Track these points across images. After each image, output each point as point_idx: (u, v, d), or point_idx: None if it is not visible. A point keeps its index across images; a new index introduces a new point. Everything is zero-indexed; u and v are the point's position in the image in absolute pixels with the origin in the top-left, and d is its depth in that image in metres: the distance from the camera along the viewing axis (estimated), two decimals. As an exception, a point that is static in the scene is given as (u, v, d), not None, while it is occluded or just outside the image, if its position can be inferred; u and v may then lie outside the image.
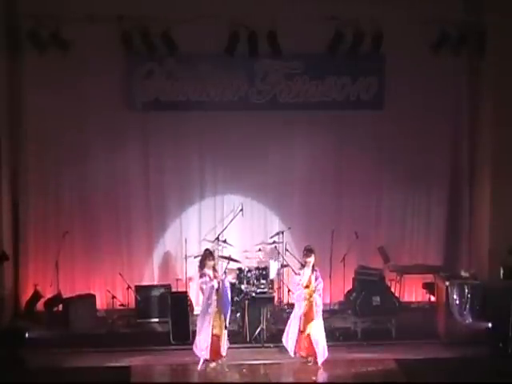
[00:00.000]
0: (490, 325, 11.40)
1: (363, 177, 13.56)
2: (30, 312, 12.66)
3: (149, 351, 11.26)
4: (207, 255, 10.78)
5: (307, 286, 10.81)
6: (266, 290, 12.26)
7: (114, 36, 12.30)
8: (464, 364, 10.51)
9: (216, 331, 10.56)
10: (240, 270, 12.60)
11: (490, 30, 12.53)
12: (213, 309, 10.54)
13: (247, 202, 13.44)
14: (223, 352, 10.67)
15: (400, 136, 13.45)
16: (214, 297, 10.54)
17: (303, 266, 10.99)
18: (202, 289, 10.67)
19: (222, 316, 10.62)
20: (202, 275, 10.64)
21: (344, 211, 13.59)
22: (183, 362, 10.90)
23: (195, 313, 12.16)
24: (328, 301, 13.10)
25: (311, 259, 10.84)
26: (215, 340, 10.57)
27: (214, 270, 10.80)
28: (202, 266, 10.73)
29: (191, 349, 11.02)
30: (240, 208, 13.15)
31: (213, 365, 10.64)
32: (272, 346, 11.41)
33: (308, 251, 10.92)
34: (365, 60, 12.98)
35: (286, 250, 12.96)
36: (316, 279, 10.81)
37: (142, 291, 12.84)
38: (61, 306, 12.59)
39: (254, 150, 13.41)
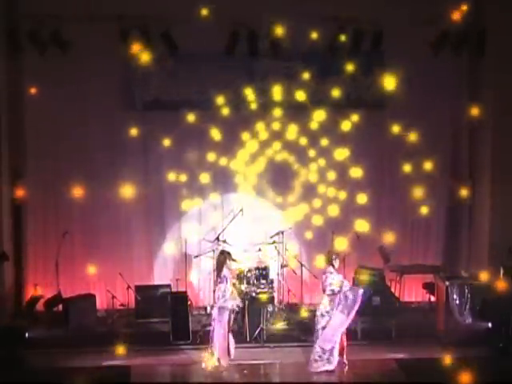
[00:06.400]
0: (490, 325, 11.40)
1: (363, 176, 13.57)
2: (30, 312, 12.66)
3: (149, 351, 11.26)
4: (226, 257, 10.47)
5: None
6: (265, 290, 12.26)
7: (114, 36, 12.29)
8: (464, 364, 10.49)
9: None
10: (240, 269, 12.59)
11: (490, 30, 12.54)
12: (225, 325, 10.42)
13: (247, 201, 13.45)
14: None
15: (400, 135, 13.43)
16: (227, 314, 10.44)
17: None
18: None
19: None
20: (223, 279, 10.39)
21: (344, 211, 13.58)
22: (183, 362, 10.90)
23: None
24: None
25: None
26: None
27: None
28: (220, 268, 10.43)
29: (191, 349, 11.04)
30: (240, 208, 13.15)
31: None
32: (272, 345, 11.42)
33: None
34: (365, 59, 12.99)
35: (286, 249, 12.97)
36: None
37: (142, 291, 12.83)
38: (61, 306, 12.59)
39: (254, 150, 13.42)
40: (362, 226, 13.39)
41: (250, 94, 13.16)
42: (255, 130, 13.41)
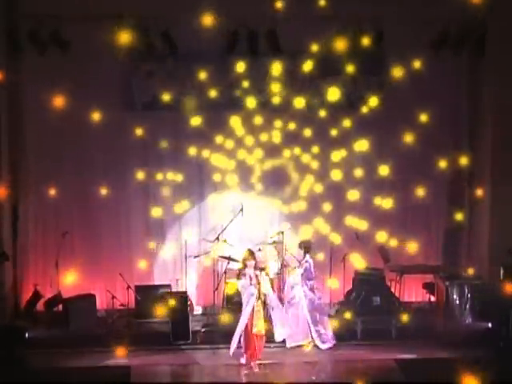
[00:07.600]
0: (489, 325, 11.40)
1: (363, 176, 13.56)
2: (30, 312, 12.65)
3: (149, 351, 11.27)
4: (249, 255, 10.77)
5: None
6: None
7: (114, 36, 12.29)
8: (464, 364, 10.48)
9: (257, 330, 10.58)
10: (240, 269, 12.57)
11: (490, 30, 12.54)
12: (248, 311, 10.52)
13: (247, 201, 13.44)
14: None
15: (400, 135, 13.42)
16: (253, 300, 10.52)
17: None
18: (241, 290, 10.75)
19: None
20: (241, 276, 10.68)
21: (344, 211, 13.58)
22: (183, 362, 10.91)
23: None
24: (328, 301, 13.22)
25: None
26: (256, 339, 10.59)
27: (255, 269, 10.76)
28: (243, 265, 10.78)
29: (191, 349, 11.04)
30: (240, 208, 13.15)
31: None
32: (272, 346, 11.41)
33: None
34: (365, 59, 12.98)
35: (286, 249, 12.96)
36: None
37: (142, 291, 12.83)
38: (61, 306, 12.59)
39: (254, 150, 13.42)
40: (362, 225, 13.40)
41: (249, 93, 13.17)
42: (254, 129, 13.40)
